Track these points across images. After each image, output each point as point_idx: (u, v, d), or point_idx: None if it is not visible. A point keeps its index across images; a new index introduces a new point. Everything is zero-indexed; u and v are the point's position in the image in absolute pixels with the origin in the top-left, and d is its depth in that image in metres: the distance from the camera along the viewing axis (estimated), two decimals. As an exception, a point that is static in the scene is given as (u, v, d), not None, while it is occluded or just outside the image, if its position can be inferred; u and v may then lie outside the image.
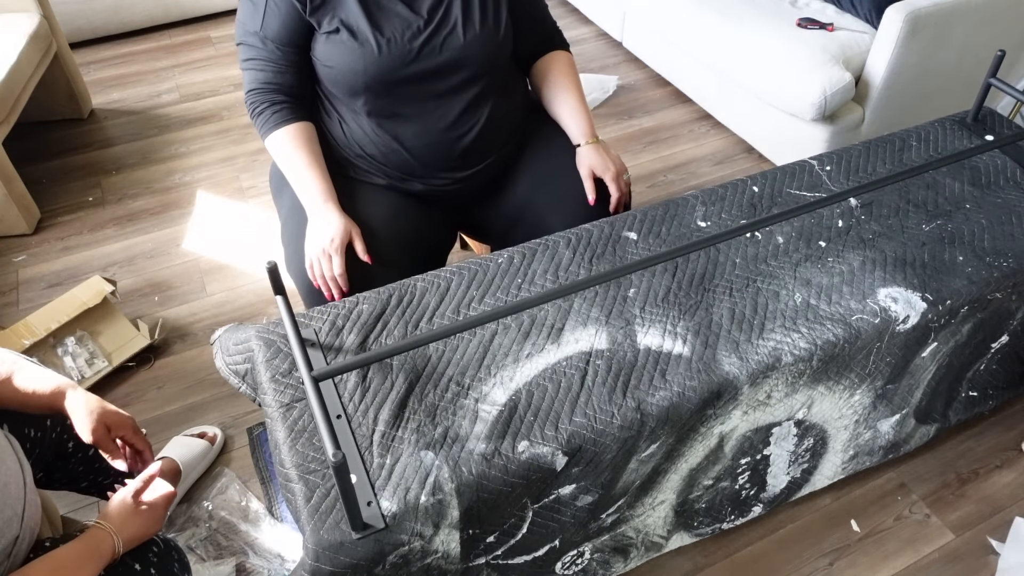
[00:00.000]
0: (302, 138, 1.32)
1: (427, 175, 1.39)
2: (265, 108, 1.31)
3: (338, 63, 1.27)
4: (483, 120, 1.36)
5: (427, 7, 1.28)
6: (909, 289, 1.22)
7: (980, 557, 1.40)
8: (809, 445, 1.32)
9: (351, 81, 1.28)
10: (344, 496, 0.85)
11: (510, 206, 1.47)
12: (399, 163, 1.37)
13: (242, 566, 1.38)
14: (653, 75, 2.81)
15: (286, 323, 1.00)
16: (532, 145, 1.48)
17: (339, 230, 1.26)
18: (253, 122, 1.35)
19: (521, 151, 1.48)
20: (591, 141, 1.42)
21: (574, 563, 1.22)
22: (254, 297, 1.94)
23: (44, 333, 1.62)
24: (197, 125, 2.57)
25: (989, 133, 1.56)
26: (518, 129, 1.47)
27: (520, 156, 1.47)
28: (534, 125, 1.50)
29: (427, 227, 1.43)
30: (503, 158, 1.45)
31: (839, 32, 2.11)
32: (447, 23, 1.28)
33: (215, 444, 1.55)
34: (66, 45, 2.44)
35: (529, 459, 1.00)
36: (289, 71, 1.31)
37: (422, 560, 0.98)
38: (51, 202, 2.24)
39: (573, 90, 1.46)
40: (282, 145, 1.31)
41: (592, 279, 1.04)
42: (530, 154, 1.47)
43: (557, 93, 1.46)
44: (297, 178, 1.31)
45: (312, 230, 1.29)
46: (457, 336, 1.13)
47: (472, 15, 1.30)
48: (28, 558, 0.91)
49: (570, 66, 1.49)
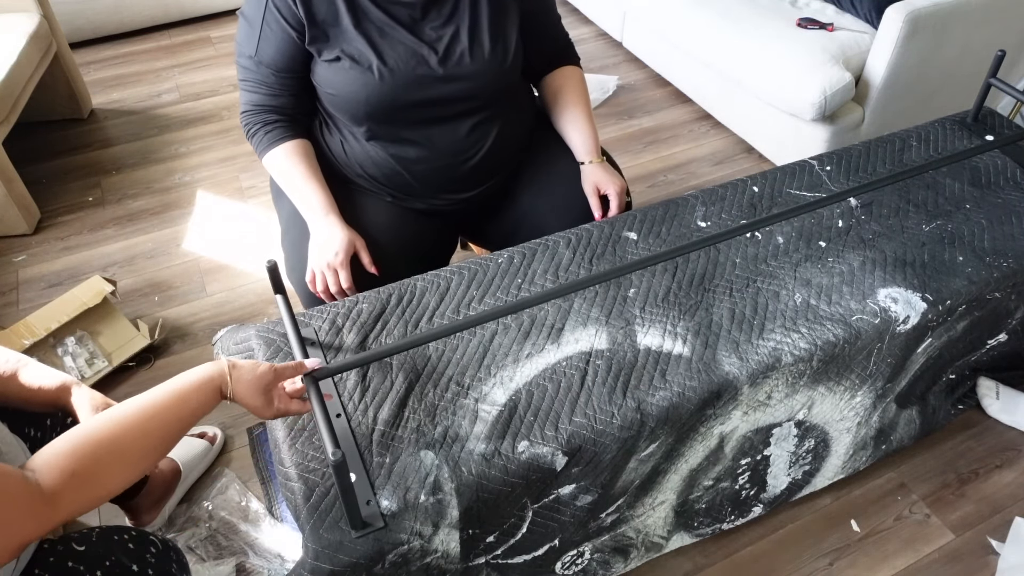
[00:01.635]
0: (298, 154, 1.30)
1: (430, 196, 1.38)
2: (259, 129, 1.31)
3: (340, 90, 1.25)
4: (489, 143, 1.34)
5: (433, 35, 1.24)
6: (909, 289, 1.22)
7: (980, 557, 1.40)
8: (810, 446, 1.32)
9: (353, 108, 1.26)
10: (343, 495, 0.85)
11: (511, 215, 1.46)
12: (401, 184, 1.35)
13: (242, 566, 1.38)
14: (653, 75, 2.81)
15: (286, 322, 1.00)
16: (534, 155, 1.46)
17: (343, 243, 1.24)
18: (249, 142, 1.34)
19: (523, 161, 1.47)
20: (595, 160, 1.40)
21: (574, 563, 1.22)
22: (254, 297, 1.94)
23: (44, 333, 1.62)
24: (197, 125, 2.57)
25: (989, 133, 1.56)
26: (525, 146, 1.46)
27: (522, 166, 1.46)
28: (537, 134, 1.48)
29: (429, 235, 1.42)
30: (507, 174, 1.44)
31: (839, 32, 2.11)
32: (454, 51, 1.25)
33: (215, 444, 1.55)
34: (66, 45, 2.44)
35: (529, 459, 1.00)
36: (284, 94, 1.30)
37: (422, 559, 0.98)
38: (51, 202, 2.24)
39: (581, 106, 1.43)
40: (279, 163, 1.31)
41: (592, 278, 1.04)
42: (532, 164, 1.46)
43: (565, 110, 1.44)
44: (297, 193, 1.30)
45: (316, 243, 1.27)
46: (457, 336, 1.13)
47: (481, 41, 1.26)
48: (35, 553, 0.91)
49: (580, 82, 1.46)
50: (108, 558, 0.93)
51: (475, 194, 1.40)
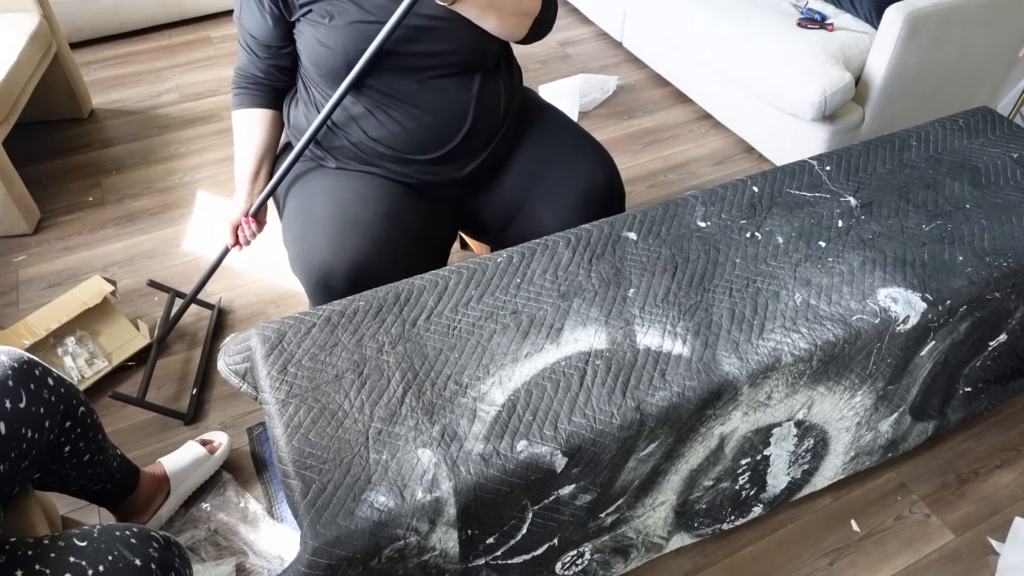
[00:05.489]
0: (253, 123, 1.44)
1: (421, 164, 1.39)
2: (234, 89, 1.45)
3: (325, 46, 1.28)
4: (477, 105, 1.35)
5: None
6: (909, 289, 1.21)
7: (980, 557, 1.40)
8: (809, 446, 1.32)
9: (335, 63, 1.28)
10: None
11: (504, 201, 1.47)
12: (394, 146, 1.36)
13: (242, 566, 1.38)
14: (653, 75, 2.81)
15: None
16: (524, 140, 1.47)
17: (239, 209, 1.47)
18: None
19: (513, 146, 1.47)
20: None
21: (574, 563, 1.22)
22: (254, 297, 1.94)
23: (44, 333, 1.62)
24: (197, 125, 2.57)
25: (989, 133, 1.56)
26: (513, 122, 1.46)
27: (512, 151, 1.47)
28: (526, 118, 1.49)
29: (430, 220, 1.43)
30: (496, 150, 1.44)
31: (839, 32, 2.11)
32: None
33: (216, 454, 1.51)
34: (66, 45, 2.44)
35: (528, 459, 1.00)
36: (263, 59, 1.38)
37: (419, 556, 0.98)
38: (51, 202, 2.24)
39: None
40: (236, 125, 1.46)
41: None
42: (523, 148, 1.47)
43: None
44: (237, 156, 1.47)
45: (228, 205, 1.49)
46: (455, 335, 1.13)
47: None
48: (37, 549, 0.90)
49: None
50: (111, 553, 0.93)
51: (467, 172, 1.41)
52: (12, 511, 1.07)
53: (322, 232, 1.30)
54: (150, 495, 1.40)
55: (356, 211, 1.32)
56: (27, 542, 0.92)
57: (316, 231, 1.31)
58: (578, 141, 1.48)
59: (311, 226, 1.32)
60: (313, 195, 1.37)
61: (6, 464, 0.99)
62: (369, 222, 1.32)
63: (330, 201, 1.34)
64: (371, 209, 1.34)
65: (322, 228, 1.31)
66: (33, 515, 1.09)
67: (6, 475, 1.00)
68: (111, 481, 1.29)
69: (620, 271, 1.24)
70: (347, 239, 1.29)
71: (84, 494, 1.28)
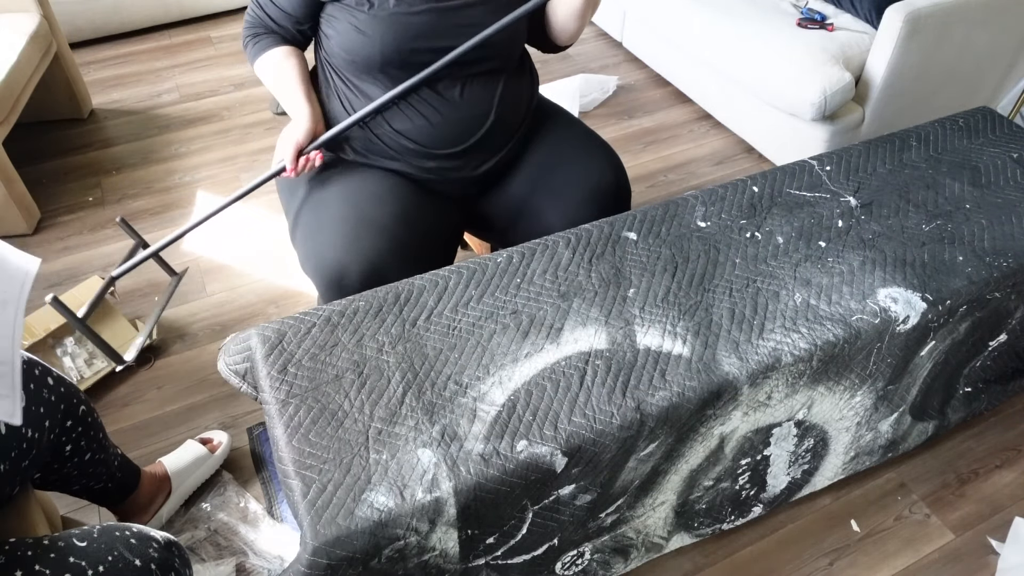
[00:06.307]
0: (277, 62, 1.37)
1: (441, 159, 1.39)
2: (250, 39, 1.39)
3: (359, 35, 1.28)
4: (500, 103, 1.37)
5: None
6: (909, 289, 1.21)
7: (980, 557, 1.40)
8: (809, 446, 1.32)
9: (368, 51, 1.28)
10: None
11: (512, 199, 1.47)
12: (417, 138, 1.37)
13: (242, 566, 1.38)
14: (653, 75, 2.81)
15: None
16: (532, 140, 1.48)
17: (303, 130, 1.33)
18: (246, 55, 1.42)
19: (523, 145, 1.48)
20: None
21: (574, 563, 1.22)
22: (254, 297, 1.94)
23: (43, 333, 1.62)
24: (197, 125, 2.57)
25: (989, 133, 1.56)
26: (529, 113, 1.47)
27: (522, 150, 1.48)
28: (536, 118, 1.50)
29: (440, 220, 1.43)
30: (512, 149, 1.45)
31: (839, 32, 2.11)
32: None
33: (217, 452, 1.52)
34: (66, 45, 2.44)
35: (528, 459, 1.00)
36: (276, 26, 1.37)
37: (419, 556, 0.98)
38: (51, 202, 2.24)
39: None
40: (264, 70, 1.39)
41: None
42: (531, 148, 1.47)
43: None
44: (283, 90, 1.38)
45: (288, 128, 1.37)
46: (455, 335, 1.13)
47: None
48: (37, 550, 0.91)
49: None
50: (111, 553, 0.93)
51: (482, 171, 1.41)
52: (12, 511, 1.07)
53: (336, 231, 1.30)
54: (151, 495, 1.40)
55: (371, 211, 1.32)
56: (27, 542, 0.92)
57: (330, 230, 1.31)
58: (585, 139, 1.49)
59: (325, 225, 1.32)
60: (326, 193, 1.36)
61: (6, 464, 0.99)
62: (385, 223, 1.32)
63: (344, 200, 1.34)
64: (387, 210, 1.33)
65: (336, 227, 1.30)
66: (33, 515, 1.09)
67: (6, 475, 1.00)
68: (112, 480, 1.29)
69: (620, 271, 1.24)
70: (362, 240, 1.29)
71: (85, 493, 1.28)
